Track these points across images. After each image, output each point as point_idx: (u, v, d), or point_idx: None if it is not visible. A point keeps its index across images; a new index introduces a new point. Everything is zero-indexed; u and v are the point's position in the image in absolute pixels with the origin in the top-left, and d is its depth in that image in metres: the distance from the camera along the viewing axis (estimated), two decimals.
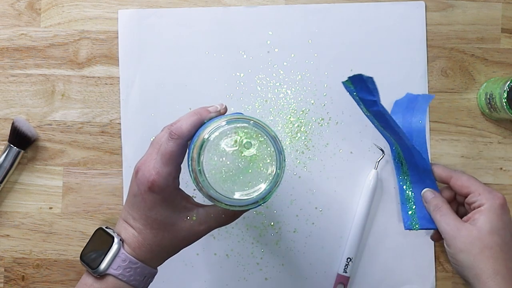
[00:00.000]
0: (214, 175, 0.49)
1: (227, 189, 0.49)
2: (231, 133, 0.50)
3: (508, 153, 0.72)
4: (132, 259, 0.53)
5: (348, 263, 0.70)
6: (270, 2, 0.73)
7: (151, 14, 0.73)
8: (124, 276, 0.53)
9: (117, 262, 0.53)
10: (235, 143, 0.49)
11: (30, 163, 0.73)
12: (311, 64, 0.72)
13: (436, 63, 0.72)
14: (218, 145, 0.49)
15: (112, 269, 0.52)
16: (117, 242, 0.53)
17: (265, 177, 0.49)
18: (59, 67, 0.73)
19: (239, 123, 0.50)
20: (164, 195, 0.52)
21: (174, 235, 0.54)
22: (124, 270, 0.52)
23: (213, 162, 0.49)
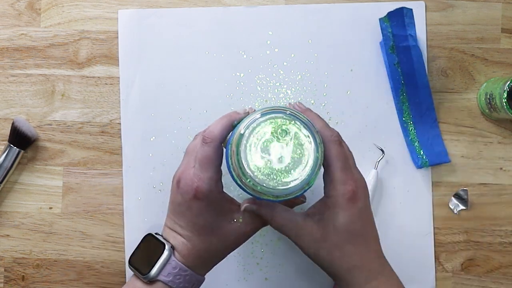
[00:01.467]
0: (255, 168, 0.50)
1: (270, 181, 0.50)
2: (266, 124, 0.51)
3: (508, 153, 0.72)
4: (182, 267, 0.53)
5: None
6: (270, 2, 0.73)
7: (151, 14, 0.73)
8: (174, 283, 0.53)
9: (168, 269, 0.53)
10: (272, 133, 0.50)
11: (30, 163, 0.73)
12: (311, 64, 0.72)
13: (436, 63, 0.72)
14: (255, 137, 0.50)
15: (163, 275, 0.53)
16: (168, 249, 0.53)
17: (305, 163, 0.50)
18: (59, 67, 0.73)
19: (272, 114, 0.51)
20: (209, 201, 0.53)
21: (223, 239, 0.54)
22: (174, 277, 0.53)
23: (253, 155, 0.50)
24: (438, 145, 0.71)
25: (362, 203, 0.54)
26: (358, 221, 0.53)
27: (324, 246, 0.53)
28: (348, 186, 0.53)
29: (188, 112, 0.72)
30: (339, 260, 0.53)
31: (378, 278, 0.53)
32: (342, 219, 0.53)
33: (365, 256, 0.54)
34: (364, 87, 0.72)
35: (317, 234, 0.53)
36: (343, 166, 0.53)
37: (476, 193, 0.72)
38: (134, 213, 0.72)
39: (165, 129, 0.72)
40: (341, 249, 0.53)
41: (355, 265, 0.53)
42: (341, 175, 0.53)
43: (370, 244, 0.54)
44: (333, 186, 0.53)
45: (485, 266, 0.71)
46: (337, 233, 0.53)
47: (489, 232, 0.72)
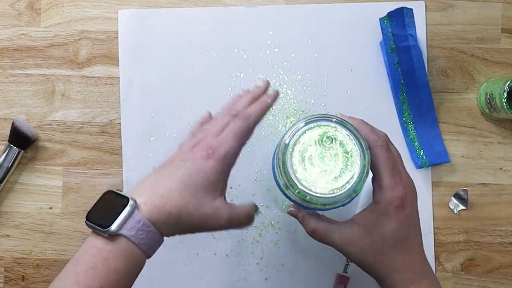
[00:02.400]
0: (302, 177, 0.50)
1: (317, 189, 0.50)
2: (310, 133, 0.51)
3: (508, 153, 0.72)
4: (146, 222, 0.49)
5: (348, 263, 0.70)
6: (270, 2, 0.73)
7: (151, 14, 0.73)
8: (137, 239, 0.49)
9: (131, 223, 0.49)
10: (316, 142, 0.50)
11: (30, 163, 0.73)
12: (311, 64, 0.72)
13: (436, 63, 0.72)
14: (300, 146, 0.51)
15: (125, 229, 0.49)
16: (132, 204, 0.49)
17: (352, 170, 0.50)
18: (59, 67, 0.73)
19: (316, 122, 0.51)
20: (218, 166, 0.51)
21: (199, 206, 0.51)
22: (137, 232, 0.49)
23: (299, 164, 0.50)
24: (438, 145, 0.71)
25: (410, 209, 0.54)
26: (405, 228, 0.54)
27: (370, 253, 0.54)
28: (397, 192, 0.53)
29: (188, 112, 0.72)
30: (382, 264, 0.54)
31: (420, 281, 0.54)
32: (389, 227, 0.53)
33: (408, 261, 0.54)
34: (364, 87, 0.72)
35: (364, 242, 0.54)
36: (391, 171, 0.53)
37: (476, 193, 0.72)
38: None
39: (165, 129, 0.72)
40: (385, 254, 0.53)
41: (396, 269, 0.53)
42: (389, 182, 0.53)
43: (414, 250, 0.55)
44: (382, 193, 0.53)
45: (485, 266, 0.71)
46: (383, 241, 0.53)
47: (489, 232, 0.72)
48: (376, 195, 0.54)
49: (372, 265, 0.54)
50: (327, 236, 0.54)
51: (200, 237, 0.71)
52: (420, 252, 0.55)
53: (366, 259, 0.54)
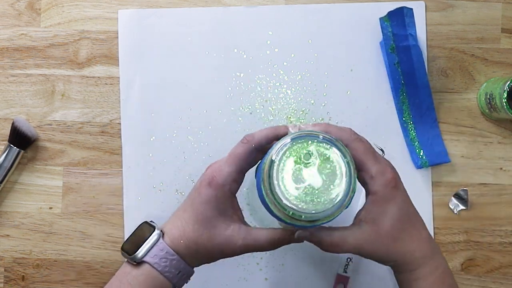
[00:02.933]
0: (286, 193, 0.49)
1: (299, 205, 0.49)
2: (296, 149, 0.50)
3: (508, 153, 0.72)
4: (169, 250, 0.53)
5: (348, 263, 0.70)
6: (270, 2, 0.73)
7: (151, 14, 0.73)
8: (160, 266, 0.53)
9: (154, 251, 0.53)
10: (299, 159, 0.50)
11: (30, 163, 0.73)
12: (311, 64, 0.72)
13: (436, 63, 0.73)
14: (286, 163, 0.50)
15: (149, 257, 0.53)
16: (157, 233, 0.54)
17: (337, 189, 0.49)
18: (59, 67, 0.73)
19: (302, 139, 0.50)
20: (217, 193, 0.53)
21: (211, 237, 0.53)
22: (160, 260, 0.53)
23: (284, 181, 0.49)
24: (438, 145, 0.71)
25: (402, 187, 0.54)
26: (405, 206, 0.54)
27: (388, 242, 0.53)
28: (388, 174, 0.53)
29: (188, 112, 0.72)
30: (402, 247, 0.53)
31: (433, 258, 0.54)
32: (393, 210, 0.53)
33: (419, 238, 0.54)
34: (364, 87, 0.72)
35: (380, 236, 0.53)
36: (374, 158, 0.53)
37: (476, 193, 0.72)
38: (134, 213, 0.72)
39: (165, 129, 0.72)
40: (396, 238, 0.53)
41: (415, 248, 0.53)
42: (378, 167, 0.53)
43: (419, 227, 0.55)
44: (375, 181, 0.53)
45: (485, 266, 0.71)
46: (394, 225, 0.53)
47: (489, 232, 0.72)
48: (370, 186, 0.53)
49: (396, 253, 0.54)
50: (344, 244, 0.54)
51: None
52: (424, 226, 0.55)
53: (389, 249, 0.53)
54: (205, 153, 0.72)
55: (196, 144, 0.72)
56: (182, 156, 0.72)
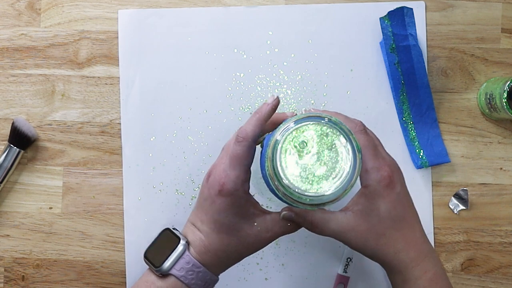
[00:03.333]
0: (290, 175, 0.49)
1: (304, 188, 0.49)
2: (300, 132, 0.50)
3: (508, 153, 0.72)
4: (195, 263, 0.53)
5: (348, 263, 0.70)
6: (270, 2, 0.73)
7: (151, 14, 0.73)
8: (186, 279, 0.53)
9: (181, 264, 0.53)
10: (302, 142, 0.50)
11: (30, 163, 0.73)
12: (311, 64, 0.72)
13: (436, 63, 0.72)
14: (290, 145, 0.49)
15: (175, 269, 0.53)
16: (183, 244, 0.53)
17: (341, 171, 0.49)
18: (59, 67, 0.73)
19: (306, 121, 0.50)
20: (233, 199, 0.52)
21: (241, 241, 0.54)
22: (186, 273, 0.53)
23: (288, 163, 0.49)
24: (438, 145, 0.71)
25: (399, 187, 0.54)
26: (399, 206, 0.53)
27: (370, 237, 0.53)
28: (383, 172, 0.53)
29: (188, 112, 0.72)
30: (386, 246, 0.53)
31: (424, 261, 0.53)
32: (383, 207, 0.53)
33: (410, 240, 0.54)
34: (364, 87, 0.72)
35: (362, 227, 0.53)
36: (373, 153, 0.53)
37: (476, 193, 0.72)
38: (134, 213, 0.72)
39: (165, 129, 0.72)
40: (386, 236, 0.53)
41: (401, 249, 0.53)
42: (374, 163, 0.53)
43: (413, 227, 0.54)
44: (369, 175, 0.53)
45: (485, 266, 0.71)
46: (380, 222, 0.53)
47: (489, 232, 0.72)
48: (363, 179, 0.53)
49: (375, 250, 0.53)
50: (325, 227, 0.54)
51: None
52: (421, 230, 0.55)
53: (369, 244, 0.53)
54: (205, 153, 0.72)
55: (196, 144, 0.72)
56: (182, 156, 0.72)
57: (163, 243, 0.54)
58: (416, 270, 0.53)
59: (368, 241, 0.53)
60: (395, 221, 0.53)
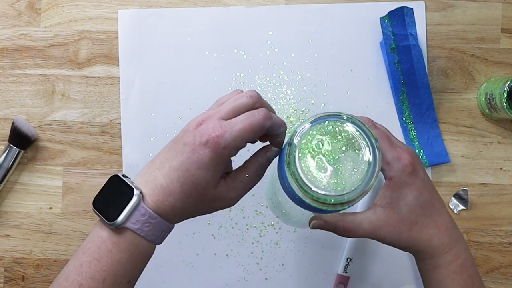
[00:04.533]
0: (313, 180, 0.48)
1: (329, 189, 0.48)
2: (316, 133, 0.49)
3: (508, 153, 0.72)
4: (151, 214, 0.49)
5: (348, 263, 0.70)
6: (270, 2, 0.73)
7: (151, 14, 0.73)
8: (142, 231, 0.49)
9: (136, 216, 0.48)
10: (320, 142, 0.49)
11: (30, 163, 0.73)
12: (311, 64, 0.72)
13: (436, 63, 0.72)
14: (308, 148, 0.49)
15: (130, 222, 0.48)
16: (137, 195, 0.48)
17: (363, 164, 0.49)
18: (59, 67, 0.73)
19: (322, 121, 0.49)
20: (213, 157, 0.48)
21: (202, 198, 0.50)
22: (142, 225, 0.49)
23: (309, 166, 0.49)
24: (438, 145, 0.71)
25: (422, 173, 0.54)
26: (425, 192, 0.53)
27: (403, 228, 0.53)
28: (404, 160, 0.52)
29: (188, 112, 0.72)
30: (419, 233, 0.53)
31: (456, 246, 0.54)
32: (411, 195, 0.53)
33: (441, 224, 0.54)
34: (364, 87, 0.72)
35: (393, 220, 0.53)
36: (389, 144, 0.53)
37: (476, 193, 0.72)
38: None
39: (165, 129, 0.72)
40: (419, 224, 0.53)
41: (433, 235, 0.53)
42: (393, 154, 0.53)
43: (442, 212, 0.54)
44: (391, 167, 0.53)
45: (485, 266, 0.71)
46: (411, 210, 0.53)
47: (489, 232, 0.72)
48: (386, 172, 0.53)
49: (409, 239, 0.53)
50: (358, 228, 0.53)
51: (200, 237, 0.71)
52: (449, 214, 0.55)
53: (403, 235, 0.53)
54: None
55: None
56: None
57: (114, 194, 0.50)
58: (449, 255, 0.53)
59: (402, 233, 0.53)
60: (424, 207, 0.53)
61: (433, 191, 0.55)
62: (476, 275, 0.54)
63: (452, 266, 0.53)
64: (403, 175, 0.52)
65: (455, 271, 0.53)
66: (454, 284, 0.53)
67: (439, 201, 0.55)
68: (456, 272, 0.53)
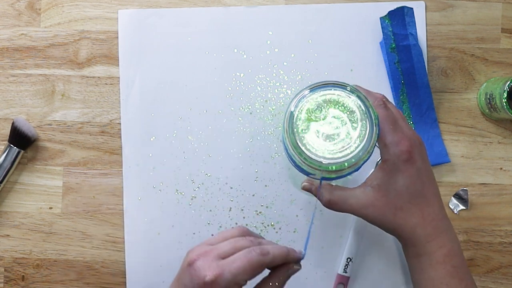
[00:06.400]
0: (308, 143, 0.50)
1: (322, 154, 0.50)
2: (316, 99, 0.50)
3: (508, 153, 0.72)
4: None
5: (348, 263, 0.70)
6: (270, 2, 0.73)
7: (151, 14, 0.73)
8: None
9: None
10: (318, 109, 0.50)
11: (30, 163, 0.73)
12: (311, 64, 0.72)
13: (436, 63, 0.72)
14: (306, 113, 0.50)
15: None
16: None
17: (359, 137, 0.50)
18: (59, 67, 0.73)
19: (321, 89, 0.50)
20: None
21: None
22: None
23: (305, 130, 0.50)
24: (438, 145, 0.71)
25: (420, 162, 0.53)
26: (417, 181, 0.53)
27: (388, 211, 0.53)
28: (402, 147, 0.52)
29: (188, 112, 0.72)
30: (403, 220, 0.53)
31: (440, 236, 0.53)
32: (401, 181, 0.53)
33: (427, 215, 0.54)
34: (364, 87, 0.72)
35: (380, 202, 0.53)
36: (393, 127, 0.53)
37: (476, 193, 0.72)
38: (134, 213, 0.72)
39: (165, 129, 0.72)
40: (404, 210, 0.53)
41: (417, 224, 0.53)
42: (393, 137, 0.52)
43: (432, 203, 0.54)
44: (387, 149, 0.52)
45: (485, 266, 0.71)
46: (399, 196, 0.53)
47: (489, 232, 0.72)
48: (382, 154, 0.53)
49: (393, 223, 0.54)
50: (344, 203, 0.54)
51: (200, 237, 0.71)
52: (440, 206, 0.55)
53: (386, 218, 0.53)
54: (205, 153, 0.72)
55: (196, 144, 0.72)
56: (182, 156, 0.72)
57: None
58: (431, 245, 0.53)
59: (386, 216, 0.53)
60: (412, 196, 0.53)
61: (428, 181, 0.54)
62: (461, 266, 0.54)
63: (435, 255, 0.53)
64: (398, 160, 0.52)
65: (438, 260, 0.53)
66: (437, 273, 0.53)
67: (432, 191, 0.55)
68: (439, 262, 0.53)
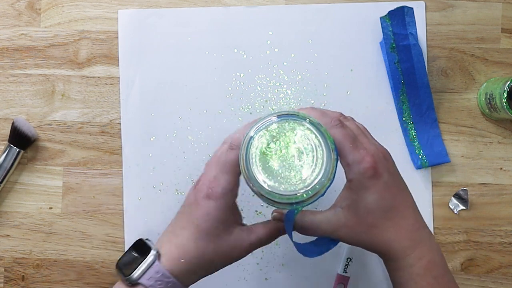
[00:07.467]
0: (263, 174, 0.49)
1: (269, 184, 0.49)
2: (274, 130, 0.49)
3: (508, 153, 0.72)
4: (165, 272, 0.52)
5: (348, 263, 0.70)
6: (270, 2, 0.73)
7: (151, 14, 0.73)
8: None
9: (150, 273, 0.52)
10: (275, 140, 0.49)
11: (30, 163, 0.73)
12: (311, 64, 0.72)
13: (436, 63, 0.73)
14: (261, 142, 0.49)
15: (144, 279, 0.52)
16: (153, 254, 0.53)
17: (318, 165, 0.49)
18: (59, 67, 0.73)
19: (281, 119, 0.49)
20: (219, 203, 0.52)
21: (216, 249, 0.53)
22: (155, 282, 0.52)
23: (261, 162, 0.49)
24: (438, 145, 0.71)
25: (386, 175, 0.52)
26: (387, 195, 0.52)
27: (361, 230, 0.52)
28: (365, 164, 0.51)
29: (188, 112, 0.72)
30: (377, 236, 0.52)
31: (418, 248, 0.53)
32: (370, 198, 0.51)
33: (402, 228, 0.53)
34: (364, 87, 0.72)
35: (352, 222, 0.52)
36: (353, 146, 0.51)
37: (476, 193, 0.72)
38: (134, 213, 0.72)
39: (165, 129, 0.72)
40: (378, 226, 0.52)
41: (392, 238, 0.52)
42: (354, 156, 0.51)
43: (406, 215, 0.53)
44: (351, 169, 0.51)
45: (485, 266, 0.71)
46: (370, 213, 0.52)
47: (489, 232, 0.72)
48: (347, 173, 0.52)
49: (368, 241, 0.53)
50: (317, 228, 0.54)
51: None
52: (415, 216, 0.54)
53: (360, 237, 0.53)
54: (205, 153, 0.72)
55: (196, 144, 0.72)
56: (182, 156, 0.72)
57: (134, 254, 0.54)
58: (410, 257, 0.52)
59: (359, 235, 0.53)
60: (384, 210, 0.52)
61: (398, 193, 0.53)
62: (443, 275, 0.53)
63: (414, 268, 0.52)
64: (363, 178, 0.51)
65: (418, 273, 0.52)
66: (418, 286, 0.52)
67: (405, 203, 0.54)
68: (419, 275, 0.52)
